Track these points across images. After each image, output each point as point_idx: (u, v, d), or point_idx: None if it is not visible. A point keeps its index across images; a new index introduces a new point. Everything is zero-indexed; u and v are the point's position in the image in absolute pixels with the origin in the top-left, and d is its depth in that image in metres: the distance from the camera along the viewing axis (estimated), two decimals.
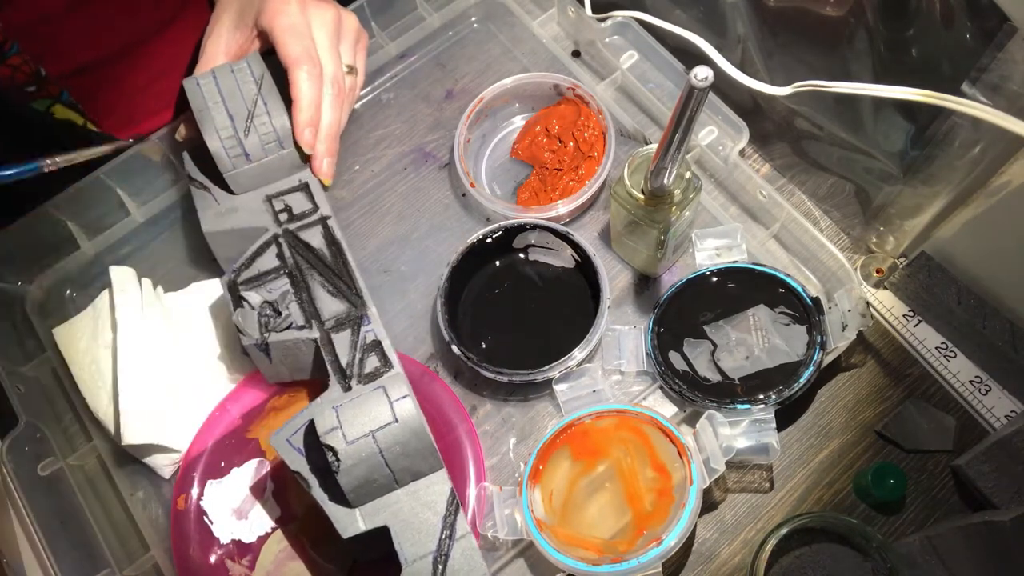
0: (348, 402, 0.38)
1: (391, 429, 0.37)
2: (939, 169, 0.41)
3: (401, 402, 0.38)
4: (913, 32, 0.38)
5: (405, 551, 0.38)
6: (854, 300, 0.42)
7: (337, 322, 0.43)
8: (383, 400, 0.38)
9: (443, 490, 0.39)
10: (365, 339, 0.42)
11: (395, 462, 0.38)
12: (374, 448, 0.37)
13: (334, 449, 0.37)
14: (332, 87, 0.45)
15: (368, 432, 0.37)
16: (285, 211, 0.46)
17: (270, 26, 0.44)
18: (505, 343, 0.47)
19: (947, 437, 0.43)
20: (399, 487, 0.39)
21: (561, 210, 0.48)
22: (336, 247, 0.45)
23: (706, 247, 0.47)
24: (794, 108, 0.48)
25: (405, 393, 0.39)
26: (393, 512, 0.38)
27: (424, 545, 0.38)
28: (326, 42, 0.45)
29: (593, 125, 0.51)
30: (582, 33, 0.55)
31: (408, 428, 0.38)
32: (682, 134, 0.35)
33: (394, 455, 0.38)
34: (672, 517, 0.38)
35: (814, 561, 0.41)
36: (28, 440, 0.46)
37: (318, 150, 0.46)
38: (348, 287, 0.44)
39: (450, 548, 0.38)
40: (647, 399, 0.45)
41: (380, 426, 0.37)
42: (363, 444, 0.37)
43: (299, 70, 0.43)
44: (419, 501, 0.39)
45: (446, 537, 0.38)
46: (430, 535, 0.38)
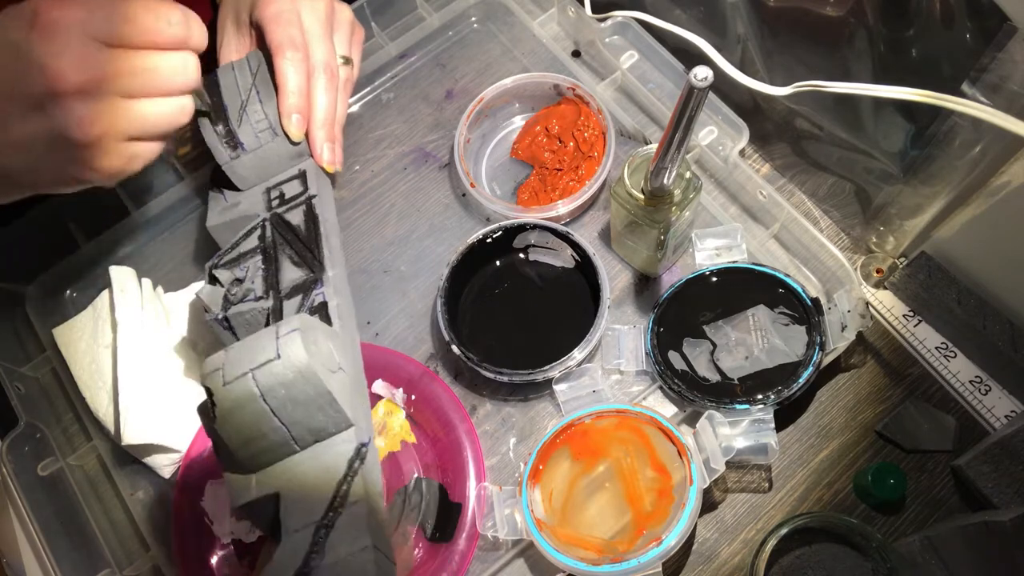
0: (240, 343, 0.33)
1: (272, 367, 0.32)
2: (939, 169, 0.41)
3: (288, 337, 0.32)
4: (913, 32, 0.38)
5: (288, 520, 0.32)
6: (853, 301, 0.42)
7: (293, 289, 0.40)
8: (271, 336, 0.33)
9: (345, 451, 0.33)
10: (313, 302, 0.39)
11: (283, 411, 0.32)
12: (254, 390, 0.31)
13: (210, 391, 0.32)
14: (324, 73, 0.44)
15: (247, 370, 0.32)
16: (278, 198, 0.45)
17: (260, 17, 0.44)
18: (505, 343, 0.47)
19: (947, 437, 0.43)
20: (300, 448, 0.33)
21: (561, 210, 0.48)
22: (313, 220, 0.43)
23: (706, 247, 0.47)
24: (794, 108, 0.48)
25: (295, 327, 0.33)
26: (289, 478, 0.33)
27: (310, 514, 0.32)
28: (318, 30, 0.44)
29: (593, 125, 0.51)
30: (582, 33, 0.55)
31: (292, 366, 0.32)
32: (682, 134, 0.35)
33: (280, 401, 0.32)
34: (672, 517, 0.38)
35: (814, 561, 0.41)
36: (28, 440, 0.46)
37: (316, 137, 0.45)
38: (313, 255, 0.41)
39: (337, 516, 0.32)
40: (647, 399, 0.45)
41: (260, 364, 0.32)
42: (240, 385, 0.31)
43: (282, 57, 0.43)
44: (318, 464, 0.33)
45: (338, 504, 0.32)
46: (320, 502, 0.32)
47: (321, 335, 0.35)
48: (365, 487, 0.33)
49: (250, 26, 0.46)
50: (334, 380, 0.34)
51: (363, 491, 0.33)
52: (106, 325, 0.48)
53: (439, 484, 0.44)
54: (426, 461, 0.46)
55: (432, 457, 0.46)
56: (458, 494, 0.43)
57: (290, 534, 0.32)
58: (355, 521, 0.32)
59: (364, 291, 0.51)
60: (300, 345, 0.32)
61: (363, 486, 0.33)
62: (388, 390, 0.47)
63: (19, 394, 0.48)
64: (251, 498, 0.33)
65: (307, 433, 0.33)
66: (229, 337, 0.40)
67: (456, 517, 0.42)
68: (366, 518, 0.32)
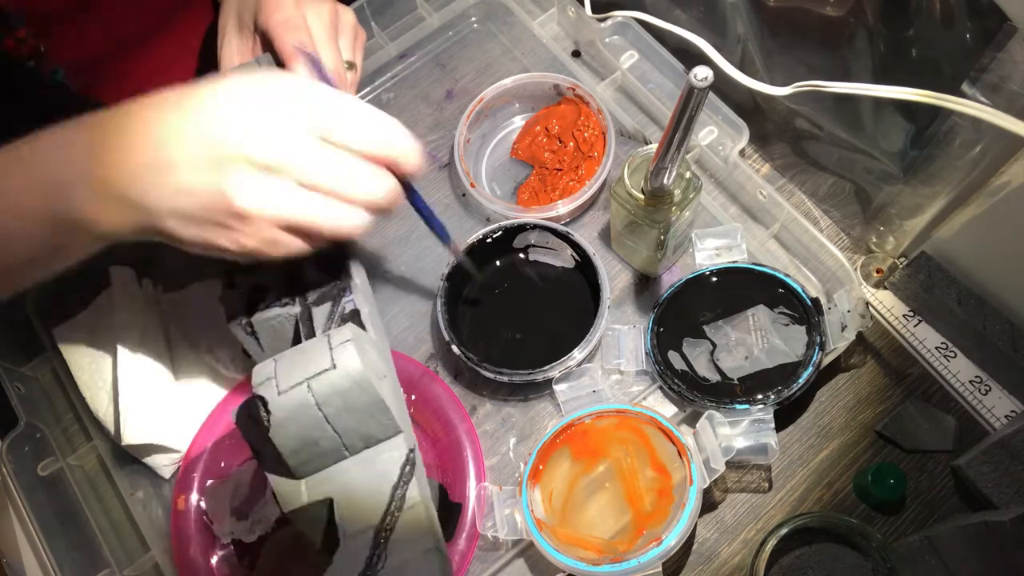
0: (289, 352, 0.33)
1: (328, 377, 0.32)
2: (939, 169, 0.41)
3: (343, 347, 0.33)
4: (913, 32, 0.38)
5: (345, 524, 0.33)
6: (853, 301, 0.42)
7: (320, 296, 0.40)
8: (324, 346, 0.33)
9: (397, 456, 0.34)
10: (344, 309, 0.39)
11: (338, 419, 0.33)
12: (309, 399, 0.32)
13: (264, 401, 0.32)
14: (332, 79, 0.45)
15: (302, 380, 0.32)
16: None
17: (266, 24, 0.44)
18: (505, 343, 0.47)
19: (947, 437, 0.43)
20: (350, 454, 0.34)
21: (561, 210, 0.48)
22: None
23: (706, 247, 0.47)
24: (794, 108, 0.48)
25: (348, 338, 0.33)
26: (341, 483, 0.34)
27: (367, 518, 0.33)
28: (324, 35, 0.45)
29: (593, 125, 0.51)
30: (582, 33, 0.55)
31: (348, 376, 0.32)
32: (682, 134, 0.35)
33: (335, 410, 0.32)
34: (672, 517, 0.38)
35: (814, 561, 0.41)
36: (28, 440, 0.46)
37: None
38: (335, 261, 0.41)
39: (396, 520, 0.33)
40: (647, 399, 0.45)
41: (315, 373, 0.32)
42: (296, 394, 0.32)
43: (295, 63, 0.43)
44: (371, 470, 0.34)
45: (395, 509, 0.33)
46: (376, 507, 0.33)
47: (368, 344, 0.36)
48: (420, 491, 0.34)
49: (254, 31, 0.46)
50: (383, 387, 0.35)
51: (418, 495, 0.33)
52: (106, 325, 0.48)
53: (439, 484, 0.44)
54: (426, 461, 0.46)
55: (432, 457, 0.46)
56: (458, 494, 0.43)
57: (347, 539, 0.33)
58: (415, 524, 0.33)
59: None
60: (355, 355, 0.33)
61: (418, 490, 0.34)
62: None
63: (19, 394, 0.48)
64: (303, 503, 0.34)
65: (358, 440, 0.34)
66: (252, 343, 0.41)
67: (456, 517, 0.42)
68: (425, 521, 0.33)
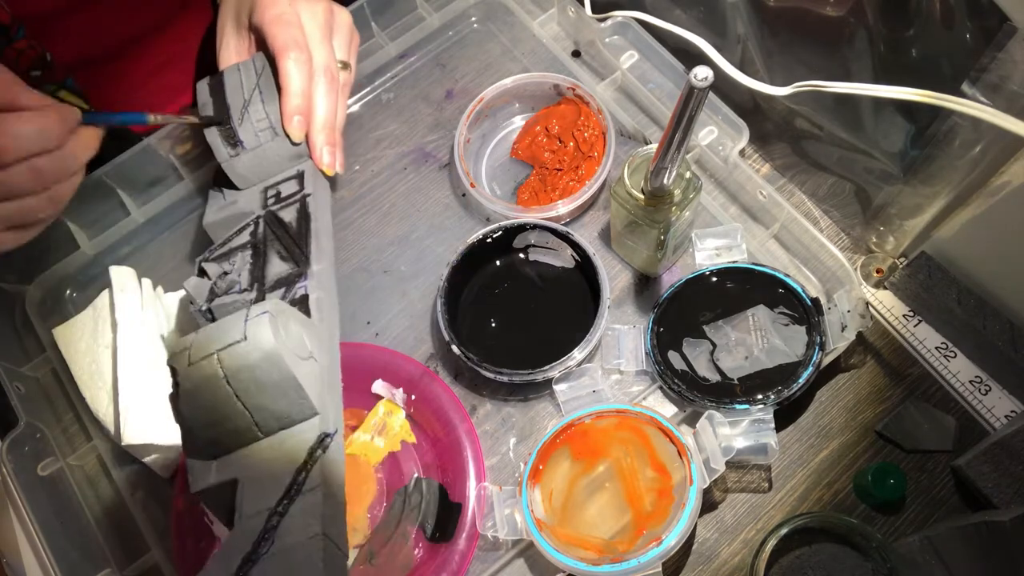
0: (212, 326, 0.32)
1: (238, 349, 0.31)
2: (939, 169, 0.41)
3: (257, 320, 0.31)
4: (913, 32, 0.38)
5: (243, 506, 0.31)
6: (853, 301, 0.42)
7: (277, 282, 0.40)
8: (240, 319, 0.32)
9: (308, 439, 0.32)
10: (295, 294, 0.38)
11: (247, 394, 0.31)
12: (218, 371, 0.31)
13: (175, 371, 0.31)
14: (324, 76, 0.45)
15: (213, 351, 0.31)
16: (275, 196, 0.45)
17: (260, 21, 0.44)
18: (505, 343, 0.47)
19: (947, 437, 0.43)
20: (263, 435, 0.33)
21: (561, 210, 0.48)
22: (305, 218, 0.43)
23: (706, 247, 0.47)
24: (794, 108, 0.48)
25: (264, 311, 0.32)
26: (249, 464, 0.32)
27: (266, 500, 0.31)
28: (317, 33, 0.45)
29: (593, 125, 0.51)
30: (582, 33, 0.55)
31: (258, 348, 0.31)
32: (682, 134, 0.34)
33: (243, 384, 0.31)
34: (672, 517, 0.38)
35: (814, 561, 0.41)
36: (28, 440, 0.46)
37: (316, 140, 0.45)
38: (300, 251, 0.41)
39: (290, 504, 0.31)
40: (647, 399, 0.45)
41: (226, 345, 0.31)
42: (205, 366, 0.31)
43: (286, 58, 0.43)
44: (279, 452, 0.32)
45: (294, 492, 0.31)
46: (277, 489, 0.31)
47: (293, 322, 0.35)
48: (323, 476, 0.32)
49: (249, 29, 0.46)
50: (303, 367, 0.33)
51: (319, 479, 0.32)
52: (106, 325, 0.48)
53: (439, 484, 0.44)
54: (426, 461, 0.46)
55: (432, 457, 0.46)
56: (458, 494, 0.43)
57: (243, 520, 0.31)
58: (309, 509, 0.31)
59: (364, 291, 0.51)
60: (268, 327, 0.32)
61: (321, 475, 0.32)
62: (388, 390, 0.47)
63: (19, 394, 0.48)
64: (210, 483, 0.33)
65: (271, 419, 0.33)
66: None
67: (456, 517, 0.42)
68: (320, 506, 0.31)
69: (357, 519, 0.44)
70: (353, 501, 0.45)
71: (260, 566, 0.30)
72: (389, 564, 0.42)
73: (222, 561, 0.30)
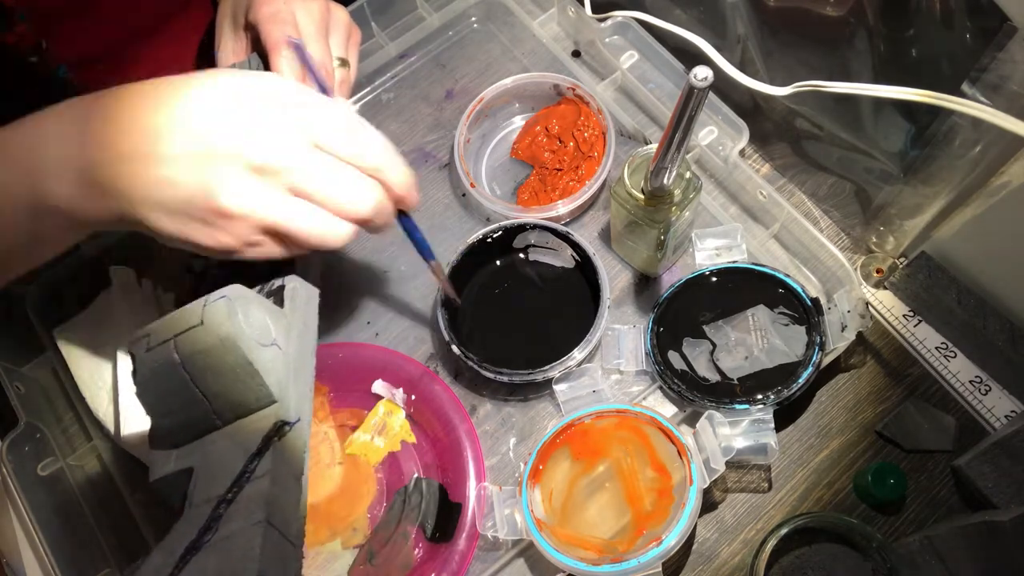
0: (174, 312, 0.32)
1: (194, 334, 0.30)
2: (939, 169, 0.41)
3: (214, 304, 0.31)
4: (913, 32, 0.38)
5: (193, 495, 0.31)
6: (853, 301, 0.42)
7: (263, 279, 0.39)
8: (199, 304, 0.32)
9: (263, 427, 0.32)
10: (272, 285, 0.38)
11: (203, 381, 0.31)
12: (174, 357, 0.30)
13: (134, 358, 0.31)
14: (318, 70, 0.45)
15: (170, 336, 0.31)
16: None
17: (255, 18, 0.44)
18: (505, 343, 0.47)
19: (947, 437, 0.43)
20: (221, 424, 0.32)
21: (561, 210, 0.48)
22: None
23: (706, 247, 0.47)
24: (794, 108, 0.48)
25: (223, 295, 0.32)
26: (205, 453, 0.32)
27: (216, 488, 0.30)
28: (312, 29, 0.44)
29: (593, 125, 0.51)
30: (582, 33, 0.55)
31: (213, 333, 0.30)
32: (682, 134, 0.34)
33: (199, 370, 0.31)
34: (672, 517, 0.38)
35: (814, 561, 0.41)
36: (28, 440, 0.46)
37: None
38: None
39: (239, 492, 0.30)
40: (647, 399, 0.45)
41: (183, 330, 0.31)
42: (162, 351, 0.30)
43: (278, 55, 0.43)
44: (234, 440, 0.32)
45: (244, 480, 0.30)
46: (228, 477, 0.31)
47: (256, 308, 0.34)
48: (275, 463, 0.31)
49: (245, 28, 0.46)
50: (263, 353, 0.33)
51: (271, 466, 0.31)
52: (106, 325, 0.48)
53: (439, 484, 0.44)
54: (426, 461, 0.46)
55: (432, 457, 0.46)
56: (458, 494, 0.43)
57: (191, 508, 0.31)
58: (255, 496, 0.30)
59: (364, 291, 0.51)
60: (224, 311, 0.31)
61: (273, 462, 0.31)
62: (388, 390, 0.47)
63: (19, 394, 0.48)
64: (167, 472, 0.32)
65: (228, 408, 0.32)
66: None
67: (456, 517, 0.42)
68: (267, 493, 0.30)
69: (357, 519, 0.44)
70: (353, 501, 0.45)
71: (202, 554, 0.29)
72: (389, 564, 0.42)
73: (166, 549, 0.30)
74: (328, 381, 0.48)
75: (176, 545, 0.30)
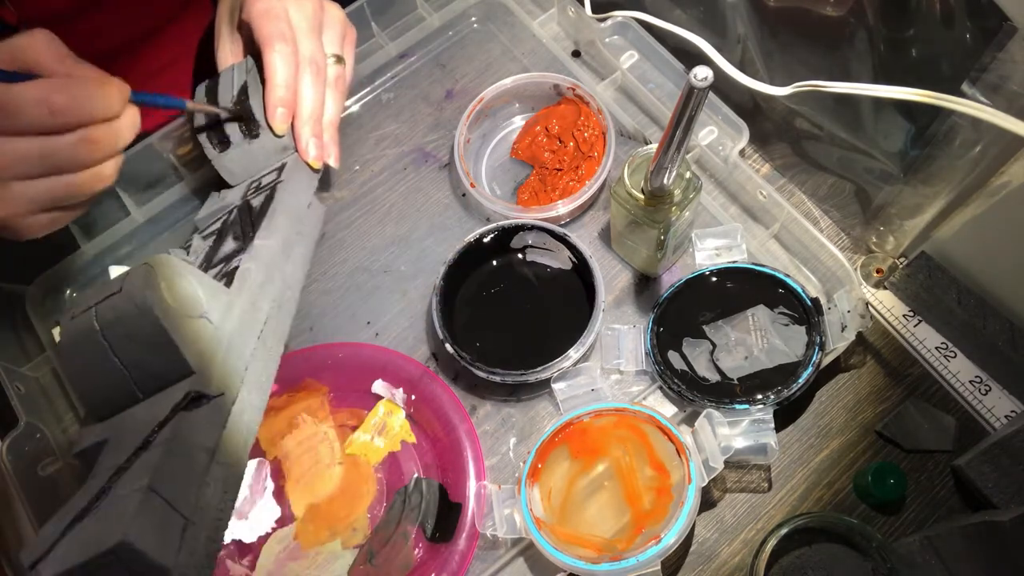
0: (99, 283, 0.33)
1: (113, 301, 0.30)
2: (939, 169, 0.41)
3: (135, 270, 0.31)
4: (913, 32, 0.38)
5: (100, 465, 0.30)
6: (853, 301, 0.42)
7: (220, 260, 0.39)
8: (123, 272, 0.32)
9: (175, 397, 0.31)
10: (229, 267, 0.38)
11: (123, 350, 0.31)
12: (94, 325, 0.30)
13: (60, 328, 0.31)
14: (310, 68, 0.44)
15: (91, 304, 0.31)
16: (255, 188, 0.45)
17: (248, 16, 0.44)
18: (500, 343, 0.46)
19: (947, 437, 0.43)
20: (144, 397, 0.32)
21: (561, 210, 0.48)
22: (269, 200, 0.42)
23: (706, 247, 0.47)
24: (794, 108, 0.48)
25: (146, 263, 0.31)
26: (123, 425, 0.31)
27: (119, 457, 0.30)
28: (304, 26, 0.44)
29: (593, 125, 0.51)
30: (582, 33, 0.55)
31: (130, 299, 0.30)
32: (682, 134, 0.35)
33: (118, 338, 0.30)
34: (671, 516, 0.38)
35: (814, 561, 0.41)
36: (28, 440, 0.46)
37: (301, 132, 0.45)
38: (253, 229, 0.40)
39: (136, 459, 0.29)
40: (647, 399, 0.45)
41: (104, 297, 0.31)
42: (83, 319, 0.30)
43: (271, 50, 0.43)
44: (149, 411, 0.31)
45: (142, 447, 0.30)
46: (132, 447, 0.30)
47: (187, 278, 0.33)
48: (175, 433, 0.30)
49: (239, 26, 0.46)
50: (187, 325, 0.32)
51: (170, 435, 0.30)
52: None
53: (439, 484, 0.44)
54: (426, 461, 0.46)
55: (432, 457, 0.46)
56: (458, 494, 0.43)
57: (92, 479, 0.30)
58: (144, 463, 0.29)
59: (364, 291, 0.51)
60: (142, 279, 0.31)
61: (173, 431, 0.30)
62: (388, 390, 0.47)
63: (19, 394, 0.48)
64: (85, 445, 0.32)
65: (149, 378, 0.31)
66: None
67: (456, 517, 0.42)
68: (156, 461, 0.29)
69: (357, 519, 0.44)
70: (353, 501, 0.45)
71: (86, 520, 0.28)
72: (389, 564, 0.42)
73: (59, 517, 0.29)
74: (328, 381, 0.48)
75: (68, 514, 0.29)
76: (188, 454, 0.30)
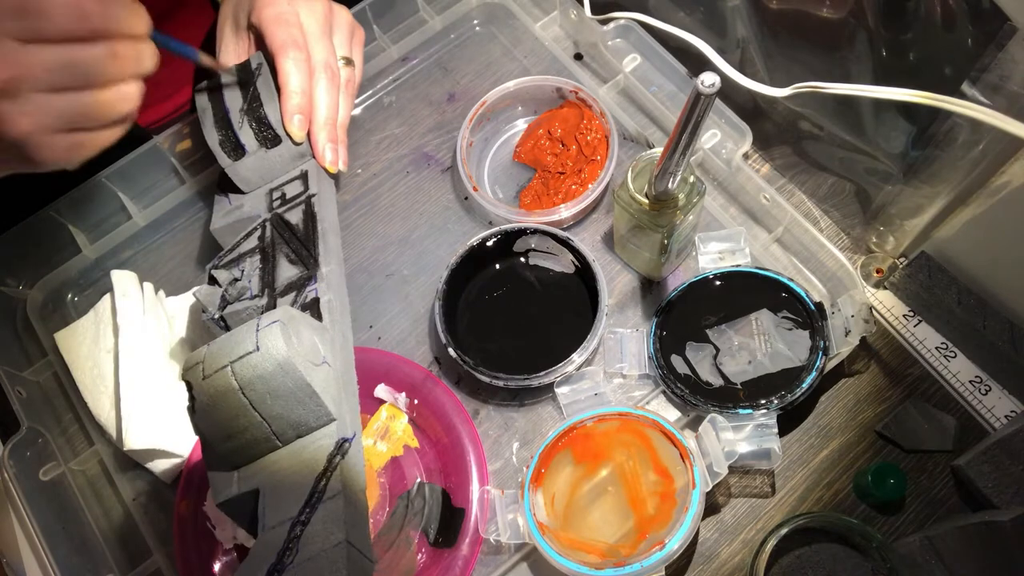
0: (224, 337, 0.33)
1: (251, 360, 0.31)
2: (939, 169, 0.41)
3: (268, 329, 0.32)
4: (913, 34, 0.39)
5: (266, 517, 0.31)
6: (857, 305, 0.42)
7: (287, 287, 0.40)
8: (251, 329, 0.32)
9: (327, 446, 0.32)
10: (306, 298, 0.38)
11: (263, 404, 0.32)
12: (232, 383, 0.31)
13: (190, 385, 0.32)
14: (324, 73, 0.44)
15: (226, 363, 0.31)
16: (280, 198, 0.45)
17: (259, 20, 0.44)
18: (502, 347, 0.46)
19: (947, 437, 0.44)
20: (282, 444, 0.33)
21: (564, 213, 0.48)
22: (311, 218, 0.43)
23: (709, 250, 0.47)
24: (795, 109, 0.48)
25: (275, 319, 0.32)
26: (269, 473, 0.32)
27: (288, 509, 0.31)
28: (316, 30, 0.44)
29: (596, 128, 0.51)
30: (584, 36, 0.55)
31: (271, 358, 0.31)
32: (688, 140, 0.35)
33: (259, 395, 0.31)
34: (675, 521, 0.38)
35: (814, 561, 0.41)
36: (30, 445, 0.46)
37: (318, 138, 0.45)
38: (308, 252, 0.41)
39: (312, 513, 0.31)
40: (650, 403, 0.45)
41: (239, 356, 0.31)
42: (219, 378, 0.31)
43: (284, 57, 0.43)
44: (298, 460, 0.32)
45: (315, 500, 0.31)
46: (298, 498, 0.31)
47: (305, 328, 0.35)
48: (343, 482, 0.32)
49: (247, 29, 0.46)
50: (317, 374, 0.34)
51: (340, 486, 0.32)
52: (108, 329, 0.48)
53: (442, 489, 0.44)
54: (429, 466, 0.46)
55: (435, 462, 0.46)
56: (461, 499, 0.43)
57: (266, 531, 0.31)
58: (330, 516, 0.31)
59: (366, 293, 0.51)
60: (279, 337, 0.32)
61: (341, 481, 0.32)
62: (391, 394, 0.47)
63: (21, 399, 0.48)
64: (232, 495, 0.33)
65: (288, 428, 0.33)
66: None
67: (459, 522, 0.42)
68: (342, 513, 0.31)
69: None
70: None
71: None
72: (392, 569, 0.42)
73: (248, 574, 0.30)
74: None
75: (257, 568, 0.30)
76: (356, 499, 0.32)
